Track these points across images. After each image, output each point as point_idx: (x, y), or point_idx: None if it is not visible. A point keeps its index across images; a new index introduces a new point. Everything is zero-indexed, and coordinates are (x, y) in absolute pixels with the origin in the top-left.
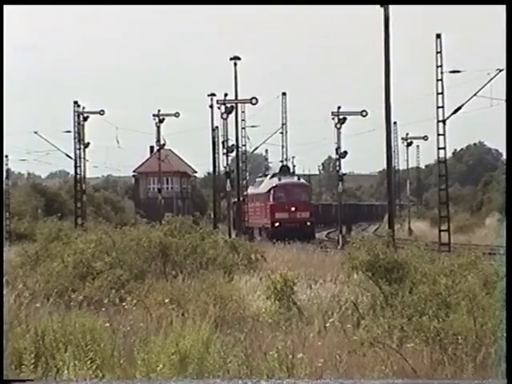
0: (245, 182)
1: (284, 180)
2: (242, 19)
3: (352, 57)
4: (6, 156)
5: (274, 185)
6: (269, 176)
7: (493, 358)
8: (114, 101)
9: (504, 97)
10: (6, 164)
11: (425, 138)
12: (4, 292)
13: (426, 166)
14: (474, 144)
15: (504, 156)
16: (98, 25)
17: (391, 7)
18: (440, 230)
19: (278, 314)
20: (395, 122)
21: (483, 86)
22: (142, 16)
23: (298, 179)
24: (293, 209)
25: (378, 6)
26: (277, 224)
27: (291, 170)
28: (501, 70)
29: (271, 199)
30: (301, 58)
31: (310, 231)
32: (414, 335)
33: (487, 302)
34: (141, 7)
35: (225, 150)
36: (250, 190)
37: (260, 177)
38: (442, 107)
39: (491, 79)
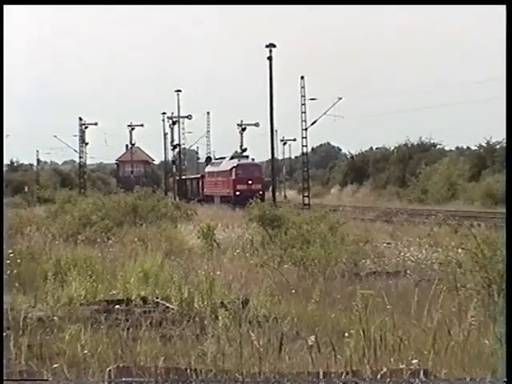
0: (184, 166)
1: (242, 161)
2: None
3: (256, 85)
4: (37, 151)
5: (236, 164)
6: (227, 158)
7: (335, 273)
8: (103, 113)
9: (343, 113)
10: (37, 156)
11: (294, 139)
12: (36, 234)
13: (296, 157)
14: (324, 143)
15: (343, 150)
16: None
17: (275, 57)
18: (303, 196)
19: (205, 247)
20: (277, 130)
21: (329, 108)
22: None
23: (253, 160)
24: (250, 182)
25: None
26: (238, 193)
27: (245, 154)
28: (340, 98)
29: (233, 175)
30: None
31: (262, 199)
32: (287, 260)
33: (332, 240)
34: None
35: (171, 147)
36: (209, 169)
37: (217, 159)
38: (305, 121)
39: (334, 104)
